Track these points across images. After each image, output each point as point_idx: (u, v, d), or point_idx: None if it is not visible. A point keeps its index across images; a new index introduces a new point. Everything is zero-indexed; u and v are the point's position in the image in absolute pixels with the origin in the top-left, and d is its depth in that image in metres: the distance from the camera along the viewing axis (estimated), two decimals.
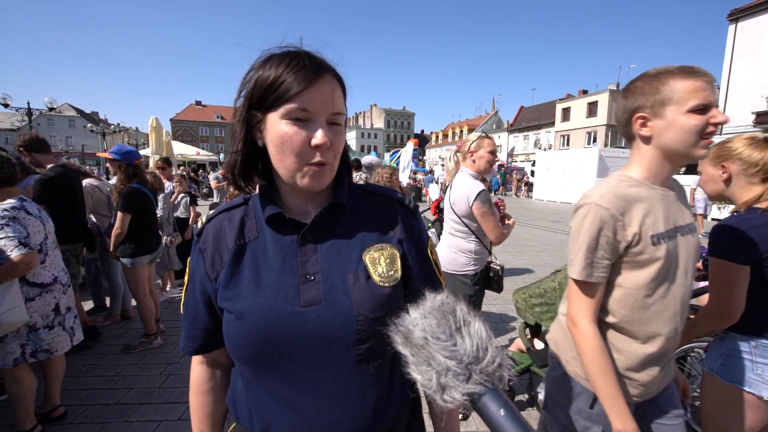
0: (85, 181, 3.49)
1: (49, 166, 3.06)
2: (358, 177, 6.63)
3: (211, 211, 0.76)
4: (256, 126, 0.67)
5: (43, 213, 2.11)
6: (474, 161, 2.28)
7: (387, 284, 0.68)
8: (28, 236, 1.92)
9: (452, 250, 2.35)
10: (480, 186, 2.16)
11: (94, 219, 3.64)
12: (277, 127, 0.62)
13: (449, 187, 2.41)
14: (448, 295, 0.50)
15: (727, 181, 1.42)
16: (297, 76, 0.61)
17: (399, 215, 0.77)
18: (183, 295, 0.76)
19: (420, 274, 0.75)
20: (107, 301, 3.87)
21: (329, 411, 0.65)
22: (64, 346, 2.15)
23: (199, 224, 0.75)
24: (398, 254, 0.73)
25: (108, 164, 3.35)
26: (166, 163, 5.25)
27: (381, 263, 0.70)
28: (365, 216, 0.75)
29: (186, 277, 0.76)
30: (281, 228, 0.70)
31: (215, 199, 10.95)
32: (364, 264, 0.69)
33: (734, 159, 1.40)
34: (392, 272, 0.70)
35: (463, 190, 2.22)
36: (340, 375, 0.65)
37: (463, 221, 2.29)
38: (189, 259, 0.76)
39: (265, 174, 0.72)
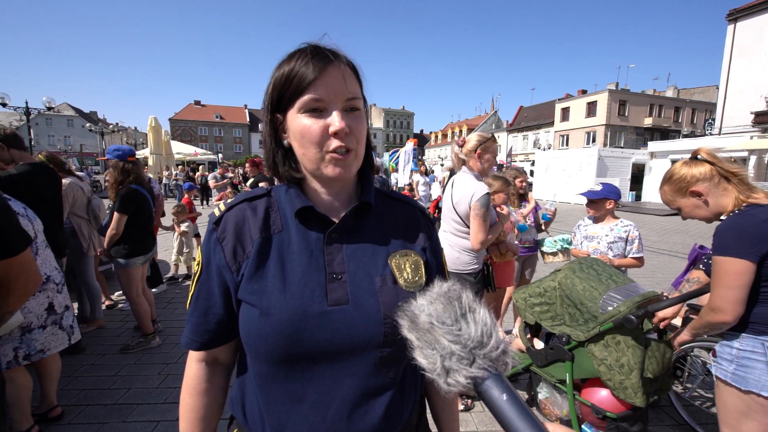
0: (67, 179, 3.32)
1: (19, 165, 2.79)
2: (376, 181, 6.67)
3: (230, 200, 0.74)
4: (280, 128, 0.69)
5: (30, 211, 2.04)
6: (478, 162, 2.32)
7: (413, 290, 0.69)
8: None
9: (455, 250, 2.35)
10: (485, 188, 2.19)
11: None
12: (295, 123, 0.64)
13: (451, 186, 2.41)
14: (454, 283, 0.50)
15: (706, 202, 1.47)
16: (305, 68, 0.62)
17: (422, 223, 0.80)
18: (193, 286, 0.72)
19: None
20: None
21: (348, 413, 0.64)
22: (59, 344, 2.12)
23: (217, 212, 0.75)
24: (422, 261, 0.74)
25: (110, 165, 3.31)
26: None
27: (406, 269, 0.71)
28: (389, 220, 0.76)
29: (197, 267, 0.72)
30: (308, 223, 0.69)
31: (214, 198, 10.90)
32: (390, 268, 0.70)
33: (695, 182, 1.47)
34: (417, 278, 0.71)
35: (467, 190, 2.22)
36: (362, 377, 0.65)
37: (465, 222, 2.30)
38: (199, 247, 0.73)
39: (294, 172, 0.72)
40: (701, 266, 1.53)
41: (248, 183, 6.24)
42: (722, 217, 1.43)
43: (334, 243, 0.68)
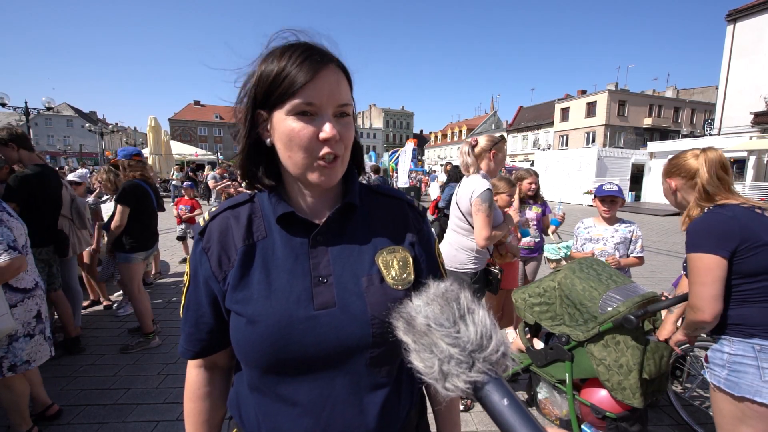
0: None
1: (30, 166, 2.83)
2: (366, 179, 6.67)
3: (214, 208, 0.73)
4: (262, 125, 0.66)
5: (15, 214, 1.96)
6: (492, 163, 2.33)
7: (400, 287, 0.68)
8: (15, 239, 1.77)
9: (454, 247, 2.34)
10: (487, 185, 2.18)
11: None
12: (283, 124, 0.61)
13: (458, 185, 2.42)
14: (452, 283, 0.48)
15: (675, 194, 1.55)
16: (300, 69, 0.59)
17: (409, 217, 0.78)
18: (183, 296, 0.73)
19: (429, 276, 0.75)
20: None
21: (342, 414, 0.64)
22: (44, 356, 2.02)
23: (201, 222, 0.73)
24: (410, 257, 0.72)
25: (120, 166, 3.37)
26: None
27: (394, 266, 0.69)
28: (376, 217, 0.74)
29: (186, 278, 0.72)
30: (291, 228, 0.68)
31: (213, 199, 10.86)
32: (377, 267, 0.68)
33: (677, 173, 1.51)
34: (405, 275, 0.70)
35: (470, 187, 2.23)
36: (353, 378, 0.64)
37: (466, 218, 2.30)
38: (188, 258, 0.73)
39: (274, 173, 0.71)
40: (683, 269, 1.55)
41: (243, 184, 6.20)
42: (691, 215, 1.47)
43: (319, 246, 0.67)
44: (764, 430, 1.26)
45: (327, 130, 0.60)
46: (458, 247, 2.35)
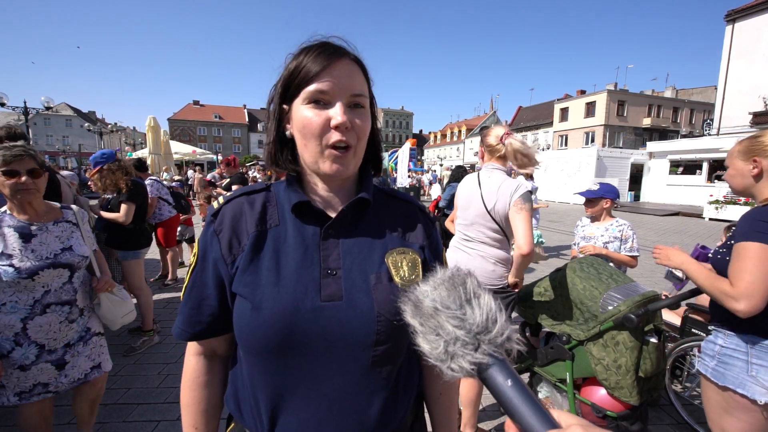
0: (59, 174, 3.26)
1: None
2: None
3: (229, 193, 0.74)
4: (285, 118, 0.70)
5: None
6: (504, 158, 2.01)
7: (408, 288, 0.68)
8: None
9: (490, 262, 1.98)
10: (528, 184, 1.91)
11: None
12: (299, 113, 0.64)
13: (477, 185, 2.05)
14: (458, 268, 0.50)
15: (757, 177, 1.34)
16: (314, 60, 0.63)
17: (420, 221, 0.79)
18: (188, 277, 0.72)
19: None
20: None
21: (338, 411, 0.64)
22: None
23: (216, 205, 0.74)
24: (420, 260, 0.73)
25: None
26: (140, 164, 4.50)
27: (403, 267, 0.70)
28: (388, 217, 0.75)
29: (193, 258, 0.72)
30: (304, 218, 0.69)
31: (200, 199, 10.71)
32: (387, 266, 0.69)
33: (765, 154, 1.32)
34: (414, 276, 0.70)
35: (505, 189, 1.89)
36: (353, 375, 0.64)
37: (502, 229, 1.97)
38: (197, 239, 0.73)
39: (292, 164, 0.73)
40: (711, 255, 1.47)
41: (224, 184, 5.97)
42: (754, 204, 1.36)
43: (330, 238, 0.68)
44: (748, 420, 1.28)
45: (338, 116, 0.62)
46: (496, 261, 1.97)
